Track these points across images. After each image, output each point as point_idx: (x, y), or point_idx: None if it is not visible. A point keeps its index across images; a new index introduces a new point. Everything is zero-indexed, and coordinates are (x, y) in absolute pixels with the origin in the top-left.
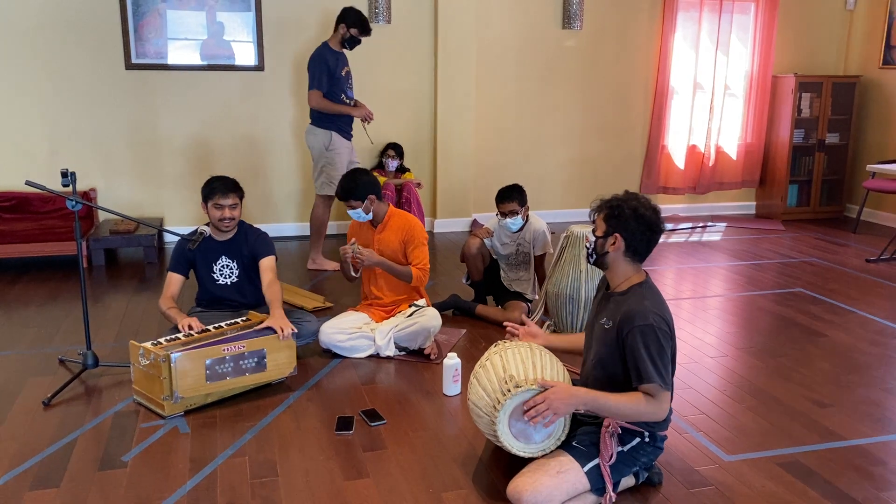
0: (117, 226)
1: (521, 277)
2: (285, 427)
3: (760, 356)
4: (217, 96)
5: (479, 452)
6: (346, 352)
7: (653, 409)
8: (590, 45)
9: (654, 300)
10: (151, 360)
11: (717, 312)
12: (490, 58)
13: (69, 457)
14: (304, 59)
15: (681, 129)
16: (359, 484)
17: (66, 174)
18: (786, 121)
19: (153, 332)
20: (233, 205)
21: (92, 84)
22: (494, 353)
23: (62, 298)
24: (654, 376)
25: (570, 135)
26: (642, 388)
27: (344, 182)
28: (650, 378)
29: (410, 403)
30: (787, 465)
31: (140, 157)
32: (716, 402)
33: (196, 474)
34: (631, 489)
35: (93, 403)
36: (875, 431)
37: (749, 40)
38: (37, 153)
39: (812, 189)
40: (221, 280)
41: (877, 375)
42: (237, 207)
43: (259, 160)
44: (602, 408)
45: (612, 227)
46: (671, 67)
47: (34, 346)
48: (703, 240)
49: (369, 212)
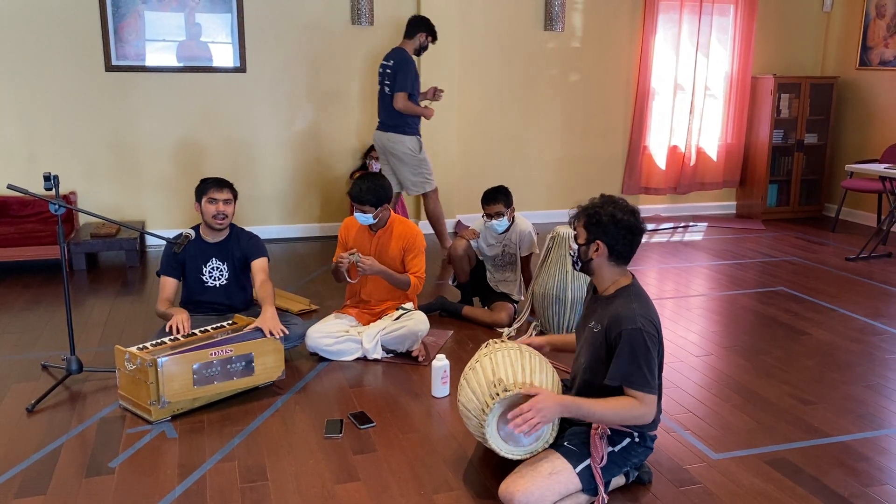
0: (98, 229)
1: (507, 278)
2: (274, 431)
3: (745, 354)
4: (199, 98)
5: (470, 454)
6: (333, 355)
7: (639, 413)
8: (571, 47)
9: (641, 303)
10: (138, 364)
11: (701, 311)
12: (472, 60)
13: (55, 463)
14: (286, 61)
15: (662, 130)
16: (350, 487)
17: (48, 177)
18: (765, 121)
19: (137, 337)
20: (227, 200)
21: (72, 86)
22: (484, 356)
23: (43, 303)
24: (641, 380)
25: (553, 136)
26: (628, 391)
27: (364, 186)
28: (636, 382)
29: (399, 405)
30: (774, 462)
31: (121, 160)
32: (702, 401)
33: (185, 480)
34: (621, 488)
35: (77, 409)
36: (859, 428)
37: (728, 42)
38: (15, 156)
39: (791, 189)
40: (210, 282)
41: (859, 372)
42: (231, 204)
43: (242, 162)
44: (587, 415)
45: (592, 234)
46: (652, 69)
47: (15, 351)
48: (685, 240)
49: (377, 217)
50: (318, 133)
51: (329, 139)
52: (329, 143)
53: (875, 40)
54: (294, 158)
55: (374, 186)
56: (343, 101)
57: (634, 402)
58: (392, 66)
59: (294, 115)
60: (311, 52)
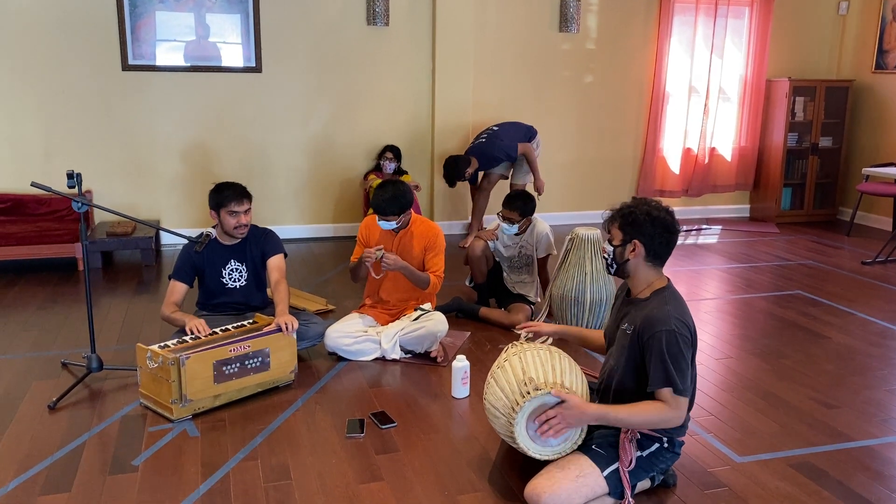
0: (114, 228)
1: (523, 280)
2: (295, 430)
3: (765, 358)
4: (214, 98)
5: (493, 455)
6: (351, 355)
7: (668, 416)
8: (586, 49)
9: (676, 305)
10: (160, 363)
11: (718, 314)
12: (487, 61)
13: (78, 461)
14: (302, 61)
15: (676, 133)
16: (373, 487)
17: (72, 175)
18: (780, 124)
19: (155, 336)
20: (247, 210)
21: (88, 85)
22: (514, 355)
23: (60, 301)
24: (672, 382)
25: (567, 138)
26: (659, 393)
27: (385, 196)
28: (667, 383)
29: (419, 406)
30: (798, 465)
31: (136, 159)
32: (724, 404)
33: (208, 478)
34: (647, 491)
35: (98, 407)
36: (883, 432)
37: (743, 44)
38: (32, 154)
39: (806, 192)
40: (230, 284)
41: (880, 377)
42: (250, 213)
43: (257, 162)
44: (615, 422)
45: (629, 235)
46: (666, 71)
47: (35, 349)
48: (699, 242)
49: (400, 222)
50: (332, 133)
51: (344, 140)
52: (343, 143)
53: (891, 43)
54: (309, 159)
55: (395, 196)
56: (358, 101)
57: (664, 406)
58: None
59: (309, 116)
60: (327, 53)
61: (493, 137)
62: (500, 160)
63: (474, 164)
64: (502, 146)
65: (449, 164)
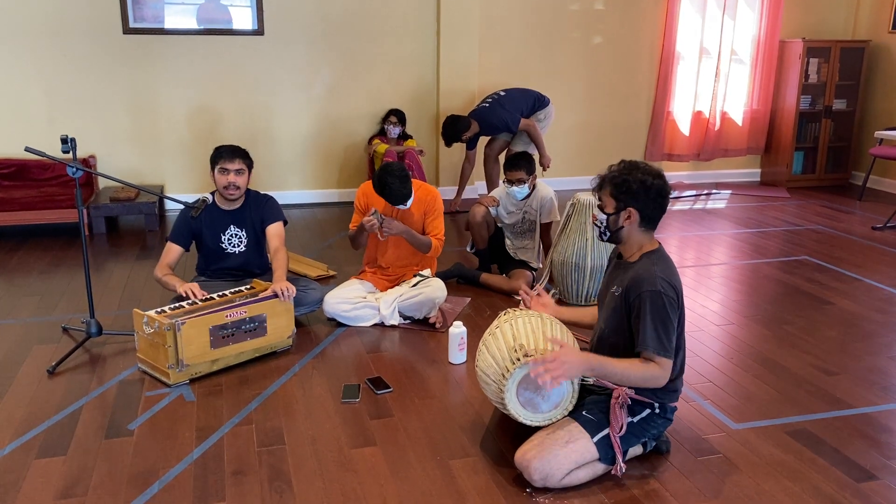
0: (117, 193)
1: (525, 246)
2: (291, 395)
3: (766, 324)
4: (217, 61)
5: (486, 420)
6: (350, 321)
7: (654, 374)
8: (595, 9)
9: (663, 266)
10: (156, 328)
11: (723, 280)
12: (493, 23)
13: (75, 425)
14: (304, 24)
15: (686, 96)
16: (366, 451)
17: (66, 140)
18: (792, 87)
19: (156, 301)
20: (238, 170)
21: (90, 49)
22: (504, 322)
23: (63, 266)
24: (656, 344)
25: (575, 101)
26: (645, 353)
27: (392, 187)
28: (650, 344)
29: (416, 372)
30: (795, 433)
31: (140, 123)
32: (722, 371)
33: (203, 442)
34: (639, 457)
35: (97, 372)
36: (882, 399)
37: (756, 4)
38: (35, 119)
39: (818, 156)
40: (230, 249)
41: (883, 343)
42: (243, 174)
43: (260, 127)
44: (609, 374)
45: (622, 202)
46: (677, 32)
47: (37, 313)
48: (708, 207)
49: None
50: (336, 98)
51: (347, 104)
52: (347, 107)
53: None
54: (312, 123)
55: (400, 184)
56: (361, 65)
57: (649, 365)
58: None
59: (312, 80)
60: (330, 15)
61: (496, 104)
62: (500, 129)
63: (475, 127)
64: (503, 116)
65: (448, 124)
